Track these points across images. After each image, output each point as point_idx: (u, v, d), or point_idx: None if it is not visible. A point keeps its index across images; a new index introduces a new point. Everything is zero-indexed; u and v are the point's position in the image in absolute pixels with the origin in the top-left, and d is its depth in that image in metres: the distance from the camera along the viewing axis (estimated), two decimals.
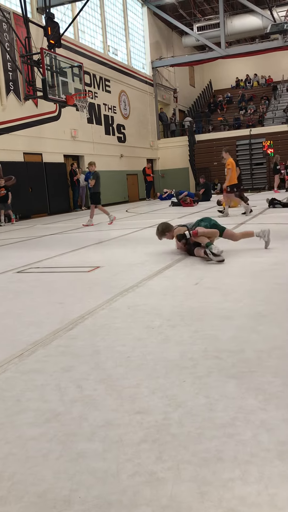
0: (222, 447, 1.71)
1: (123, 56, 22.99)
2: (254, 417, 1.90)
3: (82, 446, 1.79)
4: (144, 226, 9.95)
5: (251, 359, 2.49)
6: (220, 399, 2.08)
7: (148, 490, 1.51)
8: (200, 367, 2.43)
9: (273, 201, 12.01)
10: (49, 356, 2.74)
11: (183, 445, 1.75)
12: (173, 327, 3.12)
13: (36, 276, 5.30)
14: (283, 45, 23.02)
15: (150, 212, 14.51)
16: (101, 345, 2.86)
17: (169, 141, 26.08)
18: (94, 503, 1.47)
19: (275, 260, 5.13)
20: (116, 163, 21.58)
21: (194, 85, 32.48)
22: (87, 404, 2.13)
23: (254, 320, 3.15)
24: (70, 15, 17.99)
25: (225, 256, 5.24)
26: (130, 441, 1.80)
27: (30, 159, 15.86)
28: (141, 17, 24.95)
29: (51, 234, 9.87)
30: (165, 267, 5.18)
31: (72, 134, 18.10)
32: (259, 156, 23.27)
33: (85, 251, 6.95)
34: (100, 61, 20.13)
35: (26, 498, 1.52)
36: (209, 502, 1.44)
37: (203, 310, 3.46)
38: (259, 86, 31.41)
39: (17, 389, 2.33)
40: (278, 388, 2.14)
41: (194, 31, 25.28)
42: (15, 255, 7.14)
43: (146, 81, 24.83)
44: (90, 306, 3.75)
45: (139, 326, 3.19)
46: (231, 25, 24.35)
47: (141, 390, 2.22)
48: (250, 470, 1.58)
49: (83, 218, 13.89)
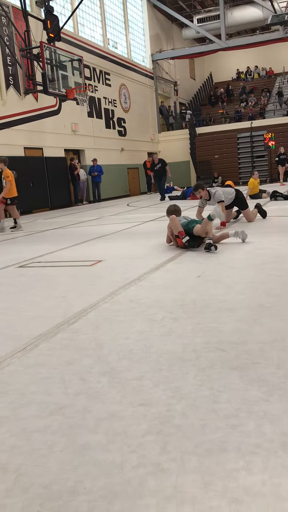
0: (226, 438, 1.72)
1: (123, 49, 22.86)
2: (258, 408, 1.91)
3: (86, 438, 1.80)
4: (146, 220, 9.94)
5: (254, 350, 2.50)
6: (224, 390, 2.08)
7: (153, 481, 1.52)
8: (203, 359, 2.44)
9: (275, 194, 11.99)
10: (52, 350, 2.75)
11: (187, 436, 1.76)
12: (175, 319, 3.12)
13: (38, 271, 5.30)
14: (284, 37, 22.85)
15: (152, 206, 14.49)
16: (104, 338, 2.87)
17: (170, 134, 25.99)
18: (100, 494, 1.48)
19: (277, 252, 5.13)
20: (117, 157, 21.53)
21: (195, 78, 32.32)
22: (91, 396, 2.14)
23: (256, 312, 3.15)
24: (69, 8, 17.89)
25: (226, 249, 5.25)
26: (134, 433, 1.80)
27: (30, 153, 15.83)
28: (141, 10, 24.78)
29: (53, 229, 9.87)
30: (167, 260, 5.18)
31: (72, 128, 18.05)
32: (261, 149, 23.18)
33: (87, 245, 6.95)
34: (100, 55, 20.03)
35: (32, 489, 1.53)
36: (213, 492, 1.45)
37: (206, 302, 3.46)
38: (260, 78, 31.24)
39: (21, 383, 2.34)
40: (281, 379, 2.15)
41: (194, 23, 25.12)
42: (16, 249, 7.14)
43: (146, 74, 24.70)
44: (93, 300, 3.76)
45: (142, 319, 3.20)
46: (231, 16, 24.19)
47: (145, 383, 2.22)
48: (254, 461, 1.58)
49: (85, 213, 13.90)
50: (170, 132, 26.32)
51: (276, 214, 9.04)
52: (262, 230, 6.98)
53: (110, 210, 13.85)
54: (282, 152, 19.34)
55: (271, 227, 7.46)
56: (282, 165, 19.32)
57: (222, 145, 24.26)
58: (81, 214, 13.39)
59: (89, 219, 11.42)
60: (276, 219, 8.39)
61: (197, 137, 24.83)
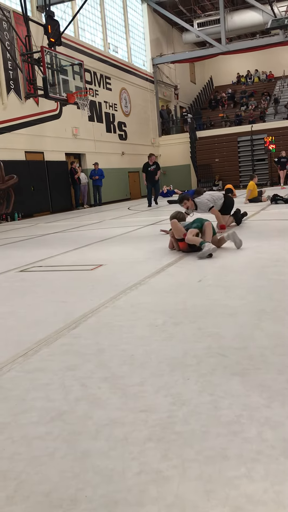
0: (227, 445, 1.71)
1: (124, 54, 22.94)
2: (259, 415, 1.90)
3: (87, 445, 1.79)
4: (146, 224, 9.94)
5: (255, 356, 2.49)
6: (225, 396, 2.08)
7: (154, 488, 1.52)
8: (204, 364, 2.43)
9: (275, 197, 11.99)
10: (53, 355, 2.75)
11: (188, 443, 1.75)
12: (176, 324, 3.11)
13: (38, 275, 5.30)
14: (283, 40, 22.91)
15: (152, 210, 14.50)
16: (105, 344, 2.87)
17: (170, 138, 26.04)
18: (101, 502, 1.47)
19: (278, 256, 5.12)
20: (117, 161, 21.56)
21: (195, 82, 32.39)
22: (92, 402, 2.13)
23: (257, 317, 3.14)
24: (70, 13, 17.96)
25: (227, 253, 5.25)
26: (135, 440, 1.80)
27: (31, 157, 15.87)
28: (141, 14, 24.88)
29: (54, 233, 9.88)
30: (168, 265, 5.18)
31: (73, 132, 18.09)
32: (261, 152, 23.20)
33: (87, 249, 6.95)
34: (100, 59, 20.09)
35: (33, 497, 1.52)
36: (215, 500, 1.44)
37: (207, 307, 3.46)
38: (260, 81, 31.31)
39: (22, 388, 2.33)
40: (283, 385, 2.14)
41: (194, 27, 25.19)
42: (17, 254, 7.14)
43: (147, 78, 24.77)
44: (93, 305, 3.75)
45: (143, 324, 3.19)
46: (231, 21, 24.25)
47: (146, 388, 2.22)
48: (255, 468, 1.58)
49: (85, 216, 13.91)
50: (170, 136, 26.38)
51: (276, 217, 9.04)
52: (263, 234, 6.98)
53: (111, 214, 13.86)
54: (283, 156, 19.40)
55: (271, 231, 7.46)
56: (282, 169, 19.36)
57: (223, 148, 24.29)
58: (82, 218, 13.40)
59: (90, 223, 11.43)
60: (277, 223, 8.39)
61: (198, 141, 24.87)
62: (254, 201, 12.70)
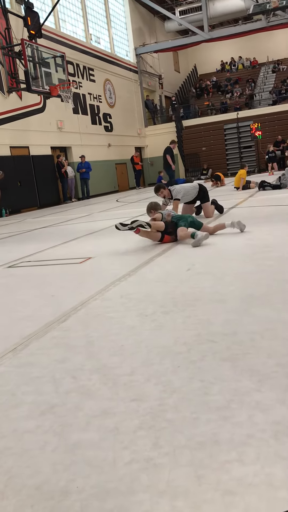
0: (218, 430, 1.72)
1: (106, 44, 22.71)
2: (249, 399, 1.91)
3: (78, 437, 1.79)
4: (135, 215, 9.90)
5: (244, 341, 2.49)
6: (215, 382, 2.08)
7: (145, 476, 1.51)
8: (194, 351, 2.43)
9: (263, 184, 12.00)
10: (43, 349, 2.73)
11: (179, 430, 1.75)
12: (166, 313, 3.11)
13: (27, 270, 5.27)
14: (266, 26, 22.86)
15: (141, 201, 14.45)
16: (95, 335, 2.86)
17: (157, 128, 25.90)
18: (92, 492, 1.47)
19: (266, 242, 5.13)
20: (104, 153, 21.43)
21: (179, 71, 32.22)
22: (82, 394, 2.12)
23: (246, 302, 3.15)
24: (49, 4, 17.69)
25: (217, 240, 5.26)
26: (126, 429, 1.79)
27: (17, 152, 15.71)
28: (122, 4, 24.61)
29: (42, 227, 9.81)
30: (156, 255, 5.17)
31: (58, 125, 17.92)
32: (247, 139, 23.19)
33: (76, 243, 6.92)
34: (82, 50, 19.88)
35: (24, 491, 1.51)
36: (206, 485, 1.44)
37: (196, 295, 3.46)
38: (244, 68, 31.23)
39: (12, 383, 2.32)
40: (272, 368, 2.14)
41: (176, 15, 25.03)
42: (5, 249, 7.09)
43: (131, 69, 24.57)
44: (83, 297, 3.73)
45: (132, 314, 3.18)
46: (213, 7, 24.11)
47: (136, 378, 2.21)
48: (246, 452, 1.58)
49: (74, 210, 13.83)
50: (156, 126, 26.24)
51: (265, 204, 9.06)
52: (252, 220, 6.98)
53: (99, 207, 13.80)
54: (270, 150, 19.52)
55: (260, 217, 7.47)
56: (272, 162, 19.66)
57: (209, 137, 24.22)
58: (70, 212, 13.32)
59: (78, 216, 11.37)
60: (266, 209, 8.40)
61: (184, 130, 24.78)
62: (244, 188, 12.72)
